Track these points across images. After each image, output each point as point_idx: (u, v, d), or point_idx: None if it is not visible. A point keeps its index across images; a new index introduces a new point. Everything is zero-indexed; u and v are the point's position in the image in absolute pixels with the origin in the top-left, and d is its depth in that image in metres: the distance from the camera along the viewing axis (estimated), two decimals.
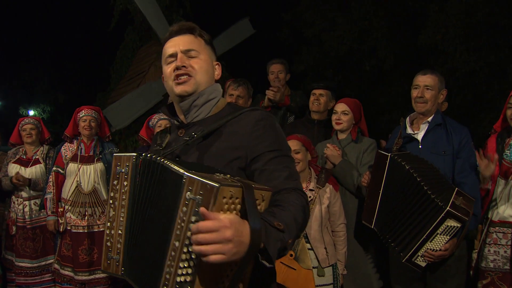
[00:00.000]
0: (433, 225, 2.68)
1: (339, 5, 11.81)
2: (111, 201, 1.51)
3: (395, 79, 11.34)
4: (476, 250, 3.12)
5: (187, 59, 1.65)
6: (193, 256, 1.22)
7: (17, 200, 4.61)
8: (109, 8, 9.15)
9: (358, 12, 11.34)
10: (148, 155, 1.44)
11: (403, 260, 2.80)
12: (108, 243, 1.52)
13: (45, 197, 4.46)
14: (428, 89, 3.12)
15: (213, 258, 1.15)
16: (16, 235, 4.55)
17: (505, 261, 2.96)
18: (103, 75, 10.48)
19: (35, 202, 4.62)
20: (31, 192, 4.61)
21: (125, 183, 1.48)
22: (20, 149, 4.76)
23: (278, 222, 1.31)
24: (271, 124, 1.62)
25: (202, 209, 1.17)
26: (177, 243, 1.25)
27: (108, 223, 1.52)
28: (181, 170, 1.28)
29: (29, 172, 4.61)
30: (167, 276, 1.27)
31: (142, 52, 8.60)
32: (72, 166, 4.38)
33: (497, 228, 3.04)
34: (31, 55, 19.51)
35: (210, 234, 1.15)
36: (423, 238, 2.71)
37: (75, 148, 4.46)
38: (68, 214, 4.32)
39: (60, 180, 4.46)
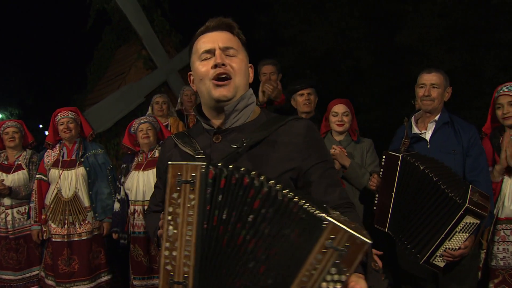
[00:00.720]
0: (452, 223, 2.64)
1: (315, 6, 11.86)
2: (169, 218, 1.30)
3: (372, 79, 11.46)
4: (484, 250, 3.13)
5: (226, 58, 1.52)
6: None
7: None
8: (84, 8, 8.92)
9: (335, 12, 11.41)
10: (231, 166, 1.29)
11: (421, 262, 2.75)
12: (169, 267, 1.31)
13: (29, 206, 4.26)
14: (434, 87, 3.10)
15: None
16: None
17: None
18: (79, 76, 10.21)
19: (18, 210, 4.36)
20: (13, 199, 4.36)
21: (191, 196, 1.28)
22: (1, 154, 4.49)
23: (374, 263, 1.32)
24: (318, 135, 1.60)
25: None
26: None
27: (167, 243, 1.30)
28: (321, 214, 1.17)
29: (11, 179, 4.34)
30: None
31: (121, 53, 8.40)
32: (53, 172, 4.15)
33: (504, 225, 3.06)
34: None
35: None
36: (441, 237, 2.67)
37: (57, 153, 4.24)
38: (49, 222, 4.11)
39: (43, 188, 4.23)
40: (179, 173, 1.30)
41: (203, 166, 1.28)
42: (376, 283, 1.27)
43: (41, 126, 20.93)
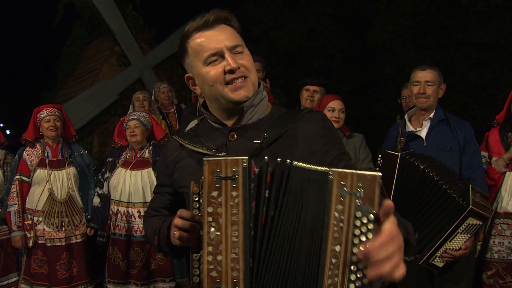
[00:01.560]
0: (454, 225, 2.62)
1: (287, 2, 11.84)
2: (210, 219, 1.18)
3: (344, 76, 11.53)
4: (480, 242, 3.16)
5: (236, 57, 1.40)
6: None
7: None
8: (50, 2, 8.60)
9: (307, 10, 11.43)
10: (279, 160, 1.19)
11: (420, 263, 2.73)
12: (214, 273, 1.19)
13: (8, 210, 3.93)
14: (429, 84, 3.07)
15: (398, 274, 1.05)
16: None
17: (510, 251, 3.03)
18: (46, 73, 9.83)
19: None
20: None
21: (234, 193, 1.17)
22: None
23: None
24: (333, 126, 1.54)
25: (388, 202, 1.05)
26: (338, 248, 1.10)
27: (210, 248, 1.18)
28: (322, 168, 1.14)
29: None
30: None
31: (92, 49, 8.13)
32: (41, 173, 3.91)
33: (501, 219, 3.10)
34: None
35: (388, 250, 1.04)
36: (443, 238, 2.65)
37: (40, 152, 4.00)
38: (40, 227, 3.86)
39: (24, 190, 3.98)
40: (217, 169, 1.18)
41: (245, 160, 1.17)
42: (412, 237, 1.24)
43: (1, 125, 20.18)
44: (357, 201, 1.08)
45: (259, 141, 1.39)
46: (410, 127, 3.20)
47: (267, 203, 1.19)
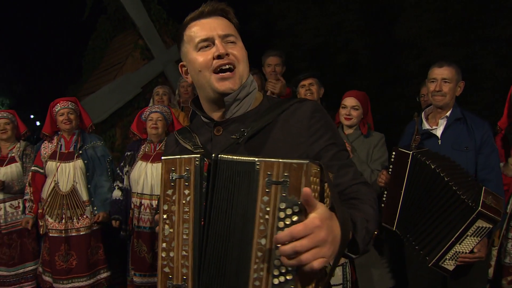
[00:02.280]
0: (463, 227, 2.56)
1: None
2: (165, 216, 1.22)
3: (368, 72, 11.39)
4: (496, 247, 3.07)
5: (227, 46, 1.41)
6: None
7: None
8: None
9: (332, 4, 11.31)
10: (214, 155, 1.19)
11: (430, 265, 2.67)
12: (166, 269, 1.22)
13: (24, 198, 4.15)
14: (446, 82, 3.00)
15: (316, 264, 0.99)
16: None
17: None
18: (73, 66, 10.03)
19: (11, 204, 4.25)
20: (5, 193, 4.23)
21: (186, 191, 1.20)
22: None
23: (362, 213, 1.22)
24: (326, 115, 1.47)
25: (305, 191, 0.99)
26: (263, 241, 1.07)
27: (164, 244, 1.22)
28: (250, 158, 1.11)
29: (4, 172, 4.22)
30: (257, 283, 1.08)
31: (116, 42, 8.26)
32: (50, 165, 4.03)
33: None
34: None
35: (300, 242, 0.99)
36: (452, 240, 2.59)
37: (54, 145, 4.11)
38: (46, 216, 3.98)
39: (38, 180, 4.11)
40: (172, 168, 1.22)
41: (197, 159, 1.20)
42: (361, 233, 1.18)
43: (32, 116, 20.70)
44: (283, 191, 1.04)
45: (236, 136, 1.39)
46: (426, 125, 3.14)
47: (211, 199, 1.19)
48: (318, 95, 4.06)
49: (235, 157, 1.15)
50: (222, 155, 1.18)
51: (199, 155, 1.21)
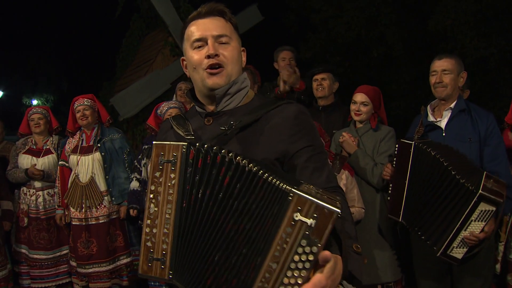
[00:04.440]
0: (466, 212, 2.59)
1: None
2: (151, 196, 1.33)
3: (404, 65, 11.20)
4: (503, 242, 3.03)
5: (219, 46, 1.53)
6: (298, 281, 1.13)
7: (29, 191, 4.53)
8: None
9: None
10: (206, 145, 1.28)
11: (438, 254, 2.69)
12: (149, 243, 1.34)
13: (54, 190, 4.48)
14: (446, 73, 3.03)
15: None
16: (29, 226, 4.48)
17: None
18: (108, 63, 10.36)
19: (48, 192, 4.55)
20: (43, 182, 4.54)
21: (172, 175, 1.31)
22: (29, 139, 4.66)
23: (356, 244, 1.31)
24: (309, 119, 1.58)
25: (325, 255, 1.12)
26: (274, 265, 1.15)
27: (148, 221, 1.33)
28: (284, 185, 1.16)
29: (42, 162, 4.53)
30: None
31: (148, 40, 8.47)
32: (72, 158, 4.31)
33: None
34: (34, 44, 19.37)
35: None
36: (457, 227, 2.62)
37: (77, 139, 4.38)
38: (69, 206, 4.29)
39: (66, 174, 4.40)
40: (162, 153, 1.33)
41: (184, 146, 1.30)
42: (356, 266, 1.25)
43: None
44: (307, 230, 1.10)
45: (224, 128, 1.48)
46: (431, 117, 3.15)
47: (197, 186, 1.28)
48: (331, 90, 4.08)
49: (268, 176, 1.20)
50: (217, 148, 1.27)
51: (186, 143, 1.31)
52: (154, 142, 1.34)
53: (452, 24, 9.70)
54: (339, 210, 1.08)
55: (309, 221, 1.10)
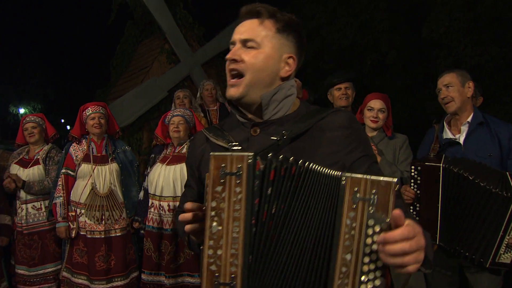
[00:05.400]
0: (507, 218, 2.57)
1: None
2: (212, 213, 1.18)
3: (397, 73, 11.23)
4: None
5: (242, 51, 1.42)
6: (378, 265, 1.06)
7: (17, 203, 4.33)
8: (106, 2, 8.88)
9: (359, 4, 11.20)
10: (281, 156, 1.18)
11: (487, 266, 2.67)
12: (213, 267, 1.19)
13: (54, 202, 4.14)
14: (449, 86, 3.01)
15: (411, 269, 1.04)
16: (15, 240, 4.29)
17: None
18: (101, 71, 10.20)
19: (33, 205, 4.30)
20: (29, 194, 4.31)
21: (238, 189, 1.17)
22: (25, 149, 4.49)
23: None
24: (361, 127, 1.51)
25: (396, 212, 1.02)
26: (348, 256, 1.08)
27: (211, 241, 1.18)
28: (333, 172, 1.13)
29: (27, 173, 4.30)
30: None
31: (143, 47, 8.34)
32: (85, 167, 4.07)
33: None
34: (22, 51, 19.10)
35: (409, 243, 1.02)
36: (500, 235, 2.60)
37: (85, 147, 4.17)
38: (82, 219, 4.02)
39: (70, 183, 4.17)
40: (222, 165, 1.18)
41: (250, 157, 1.16)
42: (430, 251, 1.18)
43: (63, 120, 21.16)
44: (370, 208, 1.06)
45: (276, 138, 1.37)
46: (448, 133, 3.10)
47: (269, 200, 1.18)
48: (352, 98, 4.04)
49: (316, 167, 1.17)
50: (299, 161, 1.19)
51: (252, 153, 1.18)
52: (211, 154, 1.19)
53: (446, 32, 9.75)
54: (395, 180, 1.04)
55: (370, 199, 1.06)
